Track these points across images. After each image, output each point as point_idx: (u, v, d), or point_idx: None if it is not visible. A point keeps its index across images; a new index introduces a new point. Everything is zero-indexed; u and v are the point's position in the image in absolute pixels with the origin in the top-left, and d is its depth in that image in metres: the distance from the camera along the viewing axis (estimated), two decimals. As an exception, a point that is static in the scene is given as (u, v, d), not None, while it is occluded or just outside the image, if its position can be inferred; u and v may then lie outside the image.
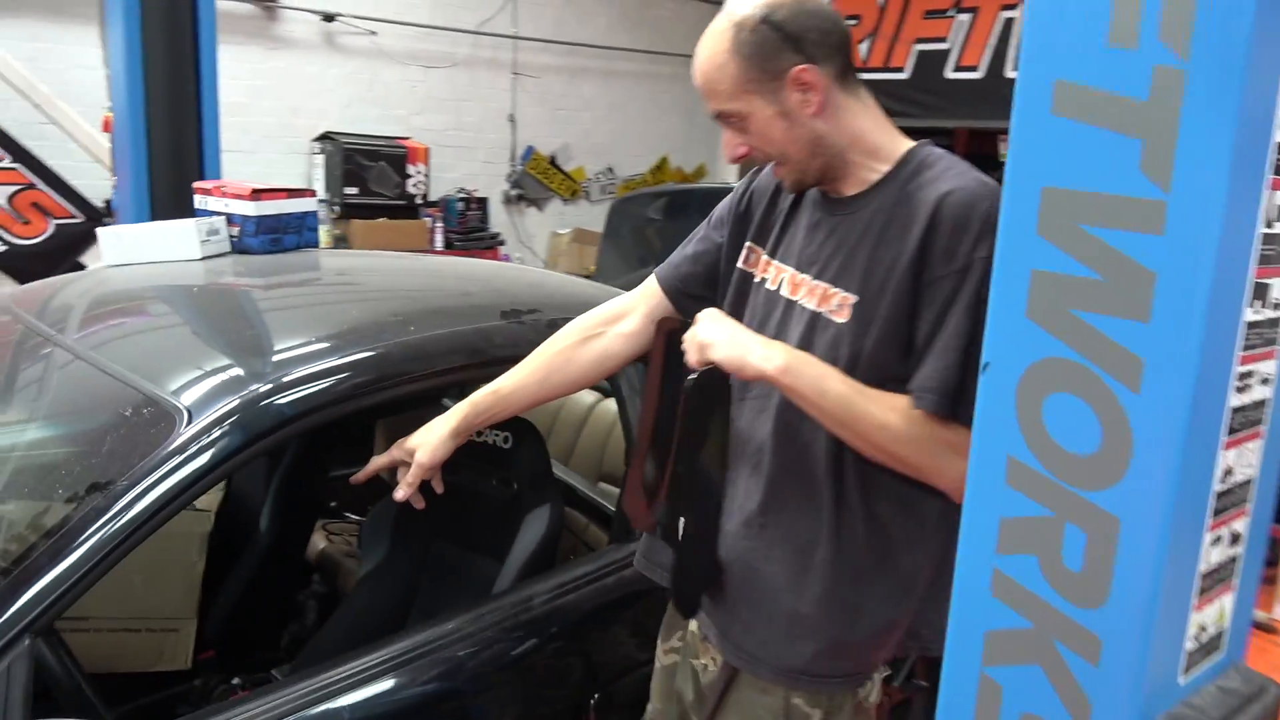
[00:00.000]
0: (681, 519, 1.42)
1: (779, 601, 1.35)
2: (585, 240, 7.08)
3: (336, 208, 5.99)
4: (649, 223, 4.39)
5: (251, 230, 2.36)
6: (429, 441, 1.56)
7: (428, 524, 2.12)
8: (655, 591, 1.83)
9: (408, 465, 1.57)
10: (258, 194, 2.36)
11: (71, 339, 1.74)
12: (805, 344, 1.30)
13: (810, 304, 1.32)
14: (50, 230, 4.03)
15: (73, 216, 4.07)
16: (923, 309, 1.22)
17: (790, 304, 1.36)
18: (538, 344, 1.73)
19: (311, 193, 2.52)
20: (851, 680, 1.38)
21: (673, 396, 1.45)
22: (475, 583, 2.05)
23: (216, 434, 1.42)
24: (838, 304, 1.29)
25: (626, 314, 1.60)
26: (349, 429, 2.76)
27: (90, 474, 1.39)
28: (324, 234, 5.82)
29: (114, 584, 2.23)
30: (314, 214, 2.51)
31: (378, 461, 1.63)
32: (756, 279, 1.44)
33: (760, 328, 1.38)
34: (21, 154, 4.00)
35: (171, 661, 2.30)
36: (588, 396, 2.83)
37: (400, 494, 1.56)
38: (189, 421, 1.42)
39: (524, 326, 1.85)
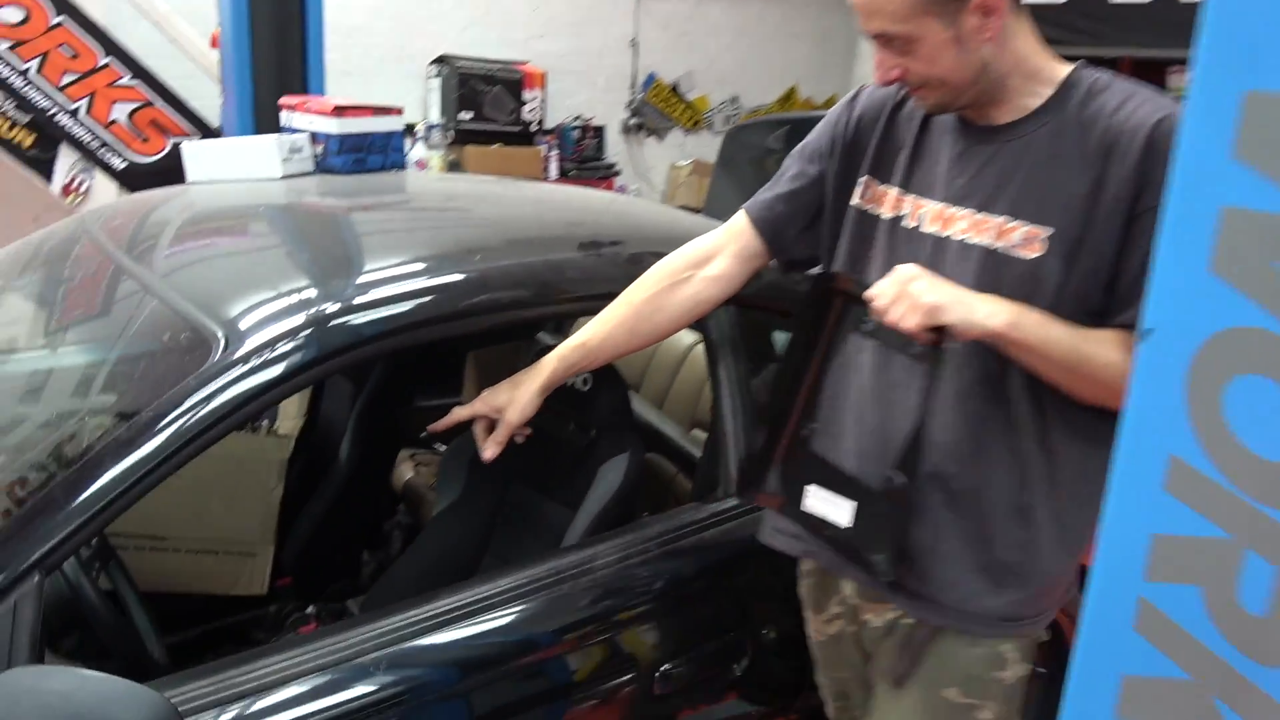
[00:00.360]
0: (809, 487, 1.34)
1: (980, 553, 1.31)
2: (705, 173, 6.81)
3: (451, 133, 5.91)
4: (768, 153, 4.11)
5: (335, 149, 2.25)
6: (518, 400, 1.50)
7: (505, 466, 2.01)
8: (740, 559, 1.67)
9: (487, 419, 1.53)
10: (340, 110, 2.24)
11: (135, 260, 1.66)
12: (983, 284, 1.21)
13: (981, 240, 1.24)
14: (168, 148, 4.07)
15: (189, 135, 4.09)
16: (1138, 238, 1.15)
17: (941, 241, 1.28)
18: (614, 279, 1.61)
19: (399, 111, 2.39)
20: (1044, 619, 1.37)
21: (803, 358, 1.36)
22: (549, 531, 1.94)
23: (263, 359, 1.31)
24: (1022, 238, 1.21)
25: (714, 255, 1.51)
26: (436, 360, 2.67)
27: (118, 403, 1.30)
28: (437, 159, 5.77)
29: (192, 505, 2.23)
30: (400, 134, 2.38)
31: (459, 413, 1.56)
32: (884, 216, 1.35)
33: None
34: (140, 72, 4.03)
35: (248, 586, 2.28)
36: (686, 337, 2.65)
37: (489, 453, 1.52)
38: (225, 348, 1.31)
39: (601, 260, 1.68)
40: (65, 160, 4.03)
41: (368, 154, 2.29)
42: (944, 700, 1.35)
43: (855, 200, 1.38)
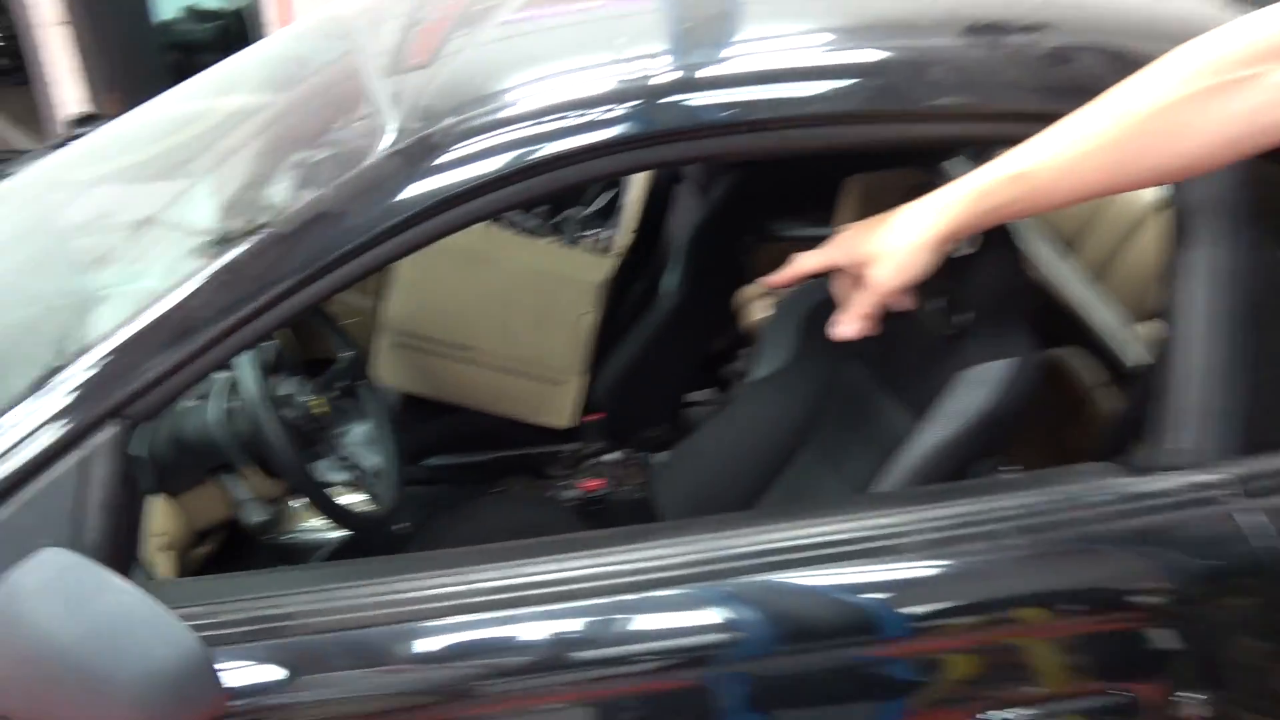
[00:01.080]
0: None
1: None
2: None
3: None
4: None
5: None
6: (895, 253, 0.99)
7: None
8: (1162, 573, 1.04)
9: (852, 276, 1.04)
10: None
11: (381, 39, 1.32)
12: None
13: None
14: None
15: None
16: None
17: None
18: (1017, 86, 1.00)
19: None
20: None
21: None
22: (884, 435, 1.41)
23: (456, 155, 0.92)
24: None
25: None
26: (802, 180, 2.13)
27: (251, 211, 0.97)
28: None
29: (499, 319, 1.99)
30: None
31: (807, 262, 1.08)
32: None
33: None
34: None
35: (552, 417, 2.05)
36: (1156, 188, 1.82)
37: (843, 329, 1.04)
38: (393, 143, 0.92)
39: (994, 54, 1.00)
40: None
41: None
42: None
43: None
